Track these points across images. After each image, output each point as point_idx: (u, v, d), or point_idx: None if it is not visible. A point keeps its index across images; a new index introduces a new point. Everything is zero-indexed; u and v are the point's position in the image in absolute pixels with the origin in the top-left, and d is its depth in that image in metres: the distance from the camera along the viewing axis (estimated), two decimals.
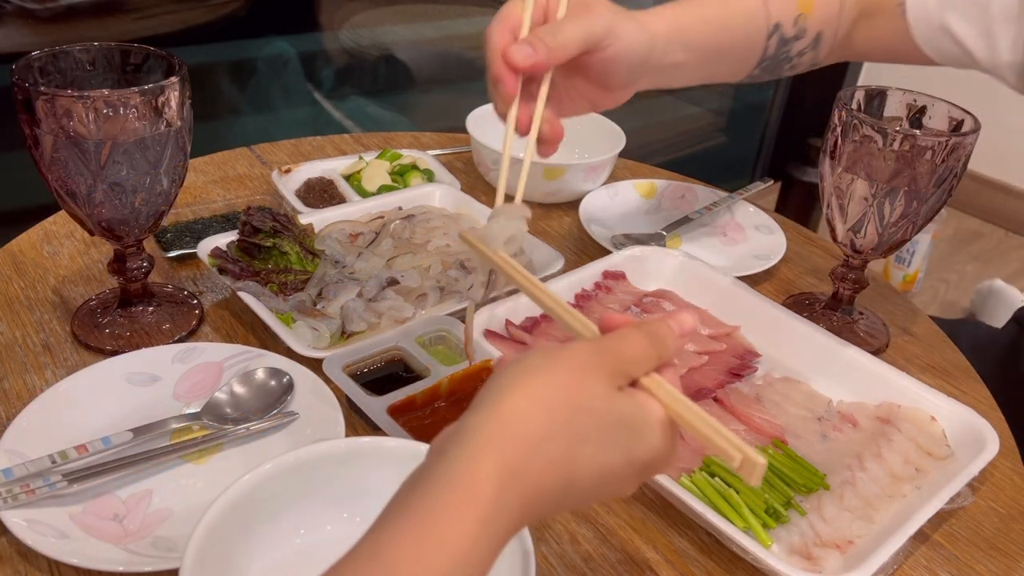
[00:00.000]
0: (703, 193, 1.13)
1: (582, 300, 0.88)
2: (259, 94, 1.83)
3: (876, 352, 0.86)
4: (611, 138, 1.13)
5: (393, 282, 0.83)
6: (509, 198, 0.61)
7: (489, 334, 0.79)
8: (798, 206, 2.80)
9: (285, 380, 0.71)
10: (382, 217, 0.96)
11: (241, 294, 0.80)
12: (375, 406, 0.67)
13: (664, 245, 1.01)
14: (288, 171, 1.04)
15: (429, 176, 1.09)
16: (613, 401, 0.43)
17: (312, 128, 1.94)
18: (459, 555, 0.38)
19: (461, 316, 0.82)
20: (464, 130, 1.10)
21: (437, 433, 0.67)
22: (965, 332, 1.04)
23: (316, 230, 0.91)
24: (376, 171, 1.06)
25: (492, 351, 0.76)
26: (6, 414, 0.69)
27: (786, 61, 0.80)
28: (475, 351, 0.75)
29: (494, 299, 0.80)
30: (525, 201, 1.13)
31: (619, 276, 0.91)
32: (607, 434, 0.43)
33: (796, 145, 2.87)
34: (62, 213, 0.93)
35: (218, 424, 0.68)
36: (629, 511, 0.67)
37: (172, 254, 0.90)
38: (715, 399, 0.77)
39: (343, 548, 0.57)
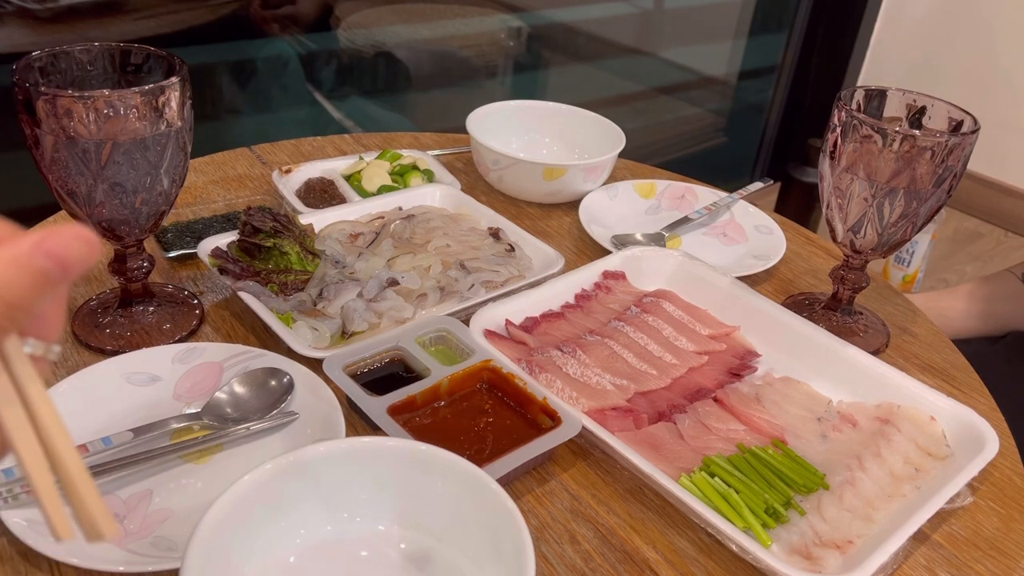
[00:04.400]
0: (703, 193, 1.13)
1: (582, 300, 0.88)
2: (259, 94, 1.83)
3: (876, 352, 0.86)
4: (611, 138, 1.13)
5: (393, 283, 0.83)
6: None
7: (489, 334, 0.79)
8: (798, 206, 2.80)
9: (285, 380, 0.71)
10: (382, 217, 0.96)
11: (241, 294, 0.80)
12: (375, 406, 0.67)
13: (664, 245, 1.01)
14: (288, 171, 1.04)
15: (429, 176, 1.09)
16: None
17: (312, 128, 1.94)
18: None
19: (462, 316, 0.82)
20: (464, 130, 1.10)
21: (437, 433, 0.68)
22: None
23: (316, 230, 0.91)
24: (376, 171, 1.06)
25: (492, 351, 0.76)
26: None
27: None
28: (475, 351, 0.75)
29: None
30: (525, 202, 1.13)
31: (619, 276, 0.91)
32: None
33: (796, 145, 2.88)
34: (62, 213, 0.93)
35: (218, 424, 0.68)
36: (629, 511, 0.67)
37: (172, 254, 0.90)
38: (715, 399, 0.77)
39: (343, 548, 0.57)
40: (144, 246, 0.78)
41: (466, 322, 0.79)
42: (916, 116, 0.85)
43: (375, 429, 0.67)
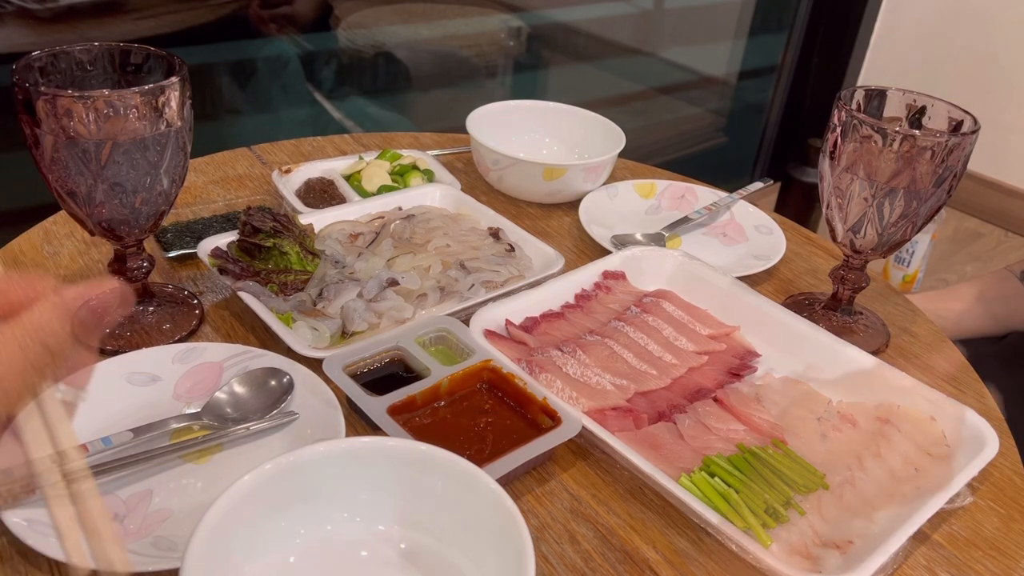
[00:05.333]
0: (703, 193, 1.13)
1: (582, 300, 0.88)
2: (259, 94, 1.83)
3: (876, 352, 0.86)
4: (611, 138, 1.13)
5: (393, 283, 0.83)
6: None
7: (489, 334, 0.79)
8: (798, 206, 2.80)
9: (285, 380, 0.71)
10: (382, 217, 0.96)
11: (241, 294, 0.80)
12: (375, 406, 0.67)
13: (664, 245, 1.01)
14: (288, 171, 1.04)
15: (429, 176, 1.09)
16: None
17: (312, 128, 1.94)
18: None
19: (462, 316, 0.82)
20: (464, 130, 1.10)
21: (437, 433, 0.68)
22: None
23: (316, 230, 0.91)
24: (376, 171, 1.06)
25: (492, 351, 0.76)
26: None
27: None
28: (475, 351, 0.75)
29: None
30: (525, 202, 1.13)
31: (619, 276, 0.91)
32: None
33: (796, 145, 2.88)
34: (62, 213, 0.93)
35: (218, 424, 0.68)
36: (629, 511, 0.67)
37: (172, 254, 0.90)
38: (715, 399, 0.77)
39: (343, 548, 0.57)
40: (144, 246, 0.78)
41: (466, 322, 0.79)
42: (916, 116, 0.85)
43: (375, 429, 0.67)
